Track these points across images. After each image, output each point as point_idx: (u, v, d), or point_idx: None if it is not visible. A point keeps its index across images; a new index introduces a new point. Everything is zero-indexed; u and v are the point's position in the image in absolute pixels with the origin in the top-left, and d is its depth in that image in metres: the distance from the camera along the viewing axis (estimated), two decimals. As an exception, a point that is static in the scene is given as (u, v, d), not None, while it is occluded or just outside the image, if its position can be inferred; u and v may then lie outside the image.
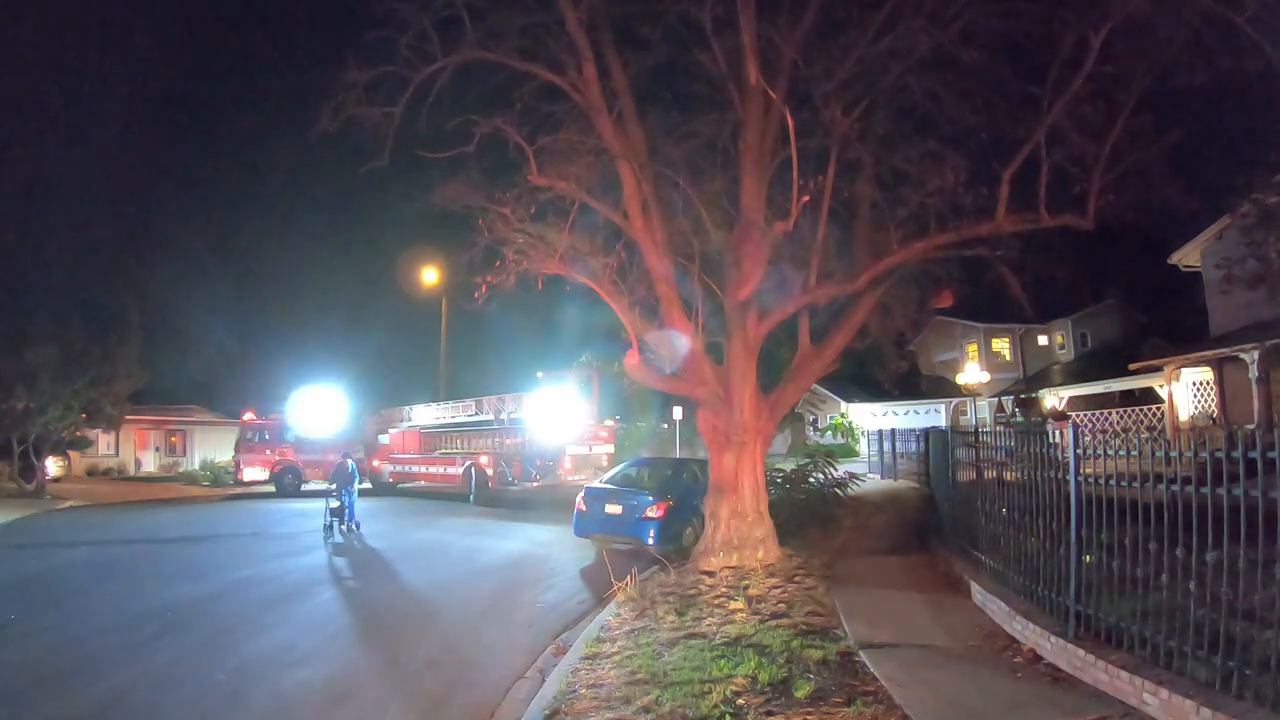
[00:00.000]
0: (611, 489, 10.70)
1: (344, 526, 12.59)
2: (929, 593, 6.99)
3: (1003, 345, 31.26)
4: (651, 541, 9.45)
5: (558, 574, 9.36)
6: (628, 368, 9.29)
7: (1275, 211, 9.35)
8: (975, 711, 4.22)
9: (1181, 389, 18.63)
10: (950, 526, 8.33)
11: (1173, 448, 4.39)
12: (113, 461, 30.49)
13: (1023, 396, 28.50)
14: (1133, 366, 19.87)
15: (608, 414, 21.41)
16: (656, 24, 8.06)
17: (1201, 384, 18.33)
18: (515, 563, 10.25)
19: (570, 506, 10.95)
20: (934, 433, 11.27)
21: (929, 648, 5.40)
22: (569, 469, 18.32)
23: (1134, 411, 22.98)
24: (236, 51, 63.70)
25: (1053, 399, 26.81)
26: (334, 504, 12.48)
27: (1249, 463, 3.82)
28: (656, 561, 8.73)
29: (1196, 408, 18.55)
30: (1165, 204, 7.25)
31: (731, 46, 7.77)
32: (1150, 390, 22.19)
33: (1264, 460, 3.69)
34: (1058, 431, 5.90)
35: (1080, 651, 4.57)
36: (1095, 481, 4.91)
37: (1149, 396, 22.69)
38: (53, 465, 23.36)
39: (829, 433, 31.87)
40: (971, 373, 28.87)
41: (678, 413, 21.17)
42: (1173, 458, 4.35)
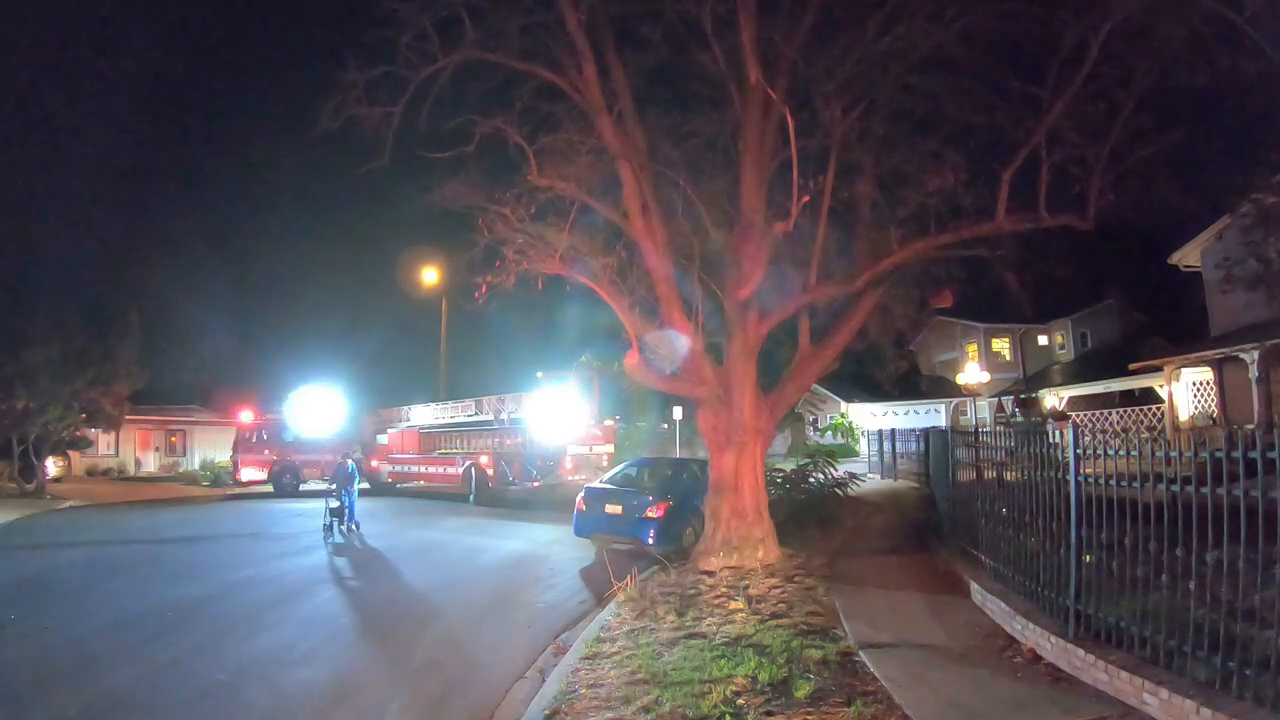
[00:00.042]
0: (612, 489, 10.70)
1: (344, 526, 12.59)
2: (929, 593, 6.99)
3: (1003, 345, 31.26)
4: (651, 541, 9.45)
5: (558, 574, 9.36)
6: (628, 368, 9.29)
7: (1275, 211, 9.34)
8: (975, 712, 4.22)
9: (1181, 389, 18.63)
10: (950, 526, 8.34)
11: (1173, 448, 4.39)
12: (113, 461, 30.48)
13: (1023, 396, 28.49)
14: (1133, 366, 19.87)
15: (608, 414, 21.37)
16: (656, 24, 8.08)
17: (1201, 384, 18.33)
18: (515, 563, 10.26)
19: (570, 506, 10.95)
20: (934, 433, 11.29)
21: (929, 648, 5.40)
22: (569, 469, 18.30)
23: (1134, 411, 22.98)
24: (237, 51, 63.82)
25: (1053, 399, 26.81)
26: (334, 504, 12.48)
27: (1249, 463, 3.81)
28: (656, 561, 8.73)
29: (1196, 408, 18.55)
30: (1165, 204, 7.24)
31: (731, 46, 7.77)
32: (1150, 390, 22.20)
33: (1264, 460, 3.69)
34: (1058, 431, 5.90)
35: (1080, 651, 4.58)
36: (1095, 481, 4.91)
37: (1149, 396, 22.69)
38: (53, 465, 23.34)
39: (829, 433, 31.86)
40: (971, 373, 28.89)
41: (678, 413, 21.16)
42: (1172, 458, 4.34)
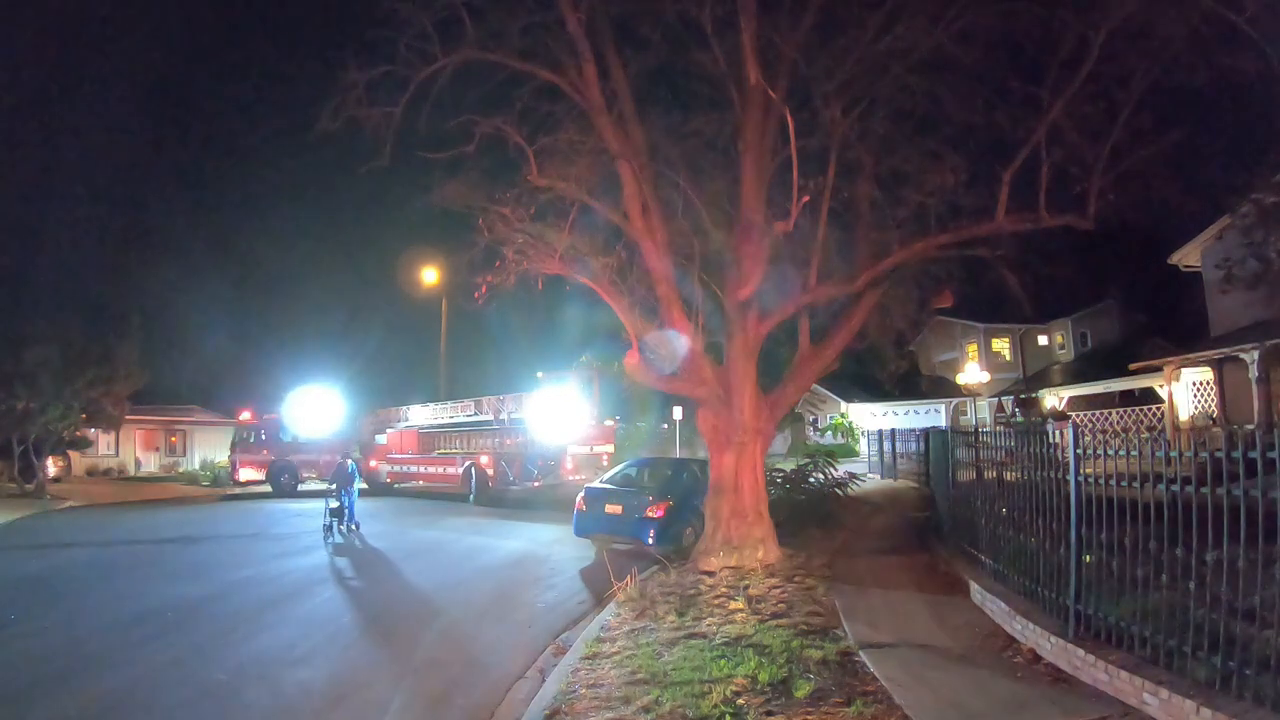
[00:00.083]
0: (612, 489, 10.71)
1: (344, 526, 12.59)
2: (929, 592, 6.99)
3: (1003, 345, 31.27)
4: (651, 541, 9.45)
5: (558, 574, 9.36)
6: (628, 368, 9.29)
7: (1275, 211, 9.36)
8: (975, 712, 4.22)
9: (1181, 389, 18.63)
10: (950, 526, 8.34)
11: (1172, 448, 4.39)
12: (113, 461, 30.48)
13: (1023, 396, 28.50)
14: (1133, 366, 19.86)
15: (608, 414, 21.37)
16: (656, 24, 8.07)
17: (1201, 384, 18.33)
18: (515, 562, 10.26)
19: (570, 506, 10.95)
20: (934, 433, 11.29)
21: (929, 648, 5.40)
22: (569, 469, 18.30)
23: (1134, 411, 22.99)
24: (237, 51, 63.80)
25: (1053, 399, 26.81)
26: (334, 504, 12.49)
27: (1249, 463, 3.82)
28: (656, 561, 8.73)
29: (1196, 408, 18.55)
30: (1165, 204, 7.25)
31: (731, 46, 7.77)
32: (1150, 390, 22.20)
33: (1264, 460, 3.69)
34: (1058, 431, 5.89)
35: (1080, 651, 4.58)
36: (1095, 481, 4.91)
37: (1149, 396, 22.69)
38: (53, 465, 23.35)
39: (829, 433, 31.85)
40: (971, 373, 28.91)
41: (678, 413, 21.15)
42: (1172, 458, 4.34)
